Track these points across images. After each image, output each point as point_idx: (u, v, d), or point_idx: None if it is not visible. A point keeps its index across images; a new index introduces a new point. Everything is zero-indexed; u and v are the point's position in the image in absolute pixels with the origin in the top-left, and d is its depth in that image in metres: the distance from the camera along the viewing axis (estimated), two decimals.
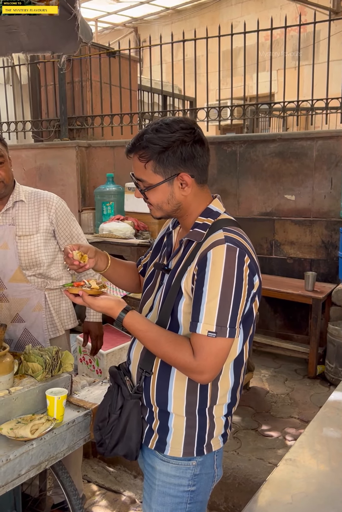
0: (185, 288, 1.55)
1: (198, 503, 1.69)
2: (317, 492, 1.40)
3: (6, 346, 1.99)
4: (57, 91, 6.26)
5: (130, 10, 12.40)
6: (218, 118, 5.46)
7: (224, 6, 12.00)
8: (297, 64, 5.00)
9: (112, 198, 5.24)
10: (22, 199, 2.53)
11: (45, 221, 2.52)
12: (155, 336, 1.55)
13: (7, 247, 2.49)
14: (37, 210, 2.53)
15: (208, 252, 1.49)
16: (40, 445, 1.73)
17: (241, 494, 2.87)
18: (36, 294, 2.55)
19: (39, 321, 2.57)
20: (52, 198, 2.57)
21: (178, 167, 1.53)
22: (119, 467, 3.34)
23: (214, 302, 1.45)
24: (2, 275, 2.51)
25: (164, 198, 1.58)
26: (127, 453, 1.71)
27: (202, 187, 1.62)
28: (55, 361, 2.10)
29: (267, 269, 4.89)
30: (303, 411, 3.70)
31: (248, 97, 7.52)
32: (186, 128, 1.53)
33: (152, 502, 1.71)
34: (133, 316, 1.59)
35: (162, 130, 1.52)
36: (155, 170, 1.54)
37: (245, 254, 1.49)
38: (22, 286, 2.52)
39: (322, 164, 4.60)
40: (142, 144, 1.54)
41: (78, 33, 2.44)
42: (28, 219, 2.52)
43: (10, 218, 2.52)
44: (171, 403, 1.61)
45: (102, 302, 1.60)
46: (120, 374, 1.72)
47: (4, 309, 2.54)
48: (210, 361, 1.47)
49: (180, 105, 7.61)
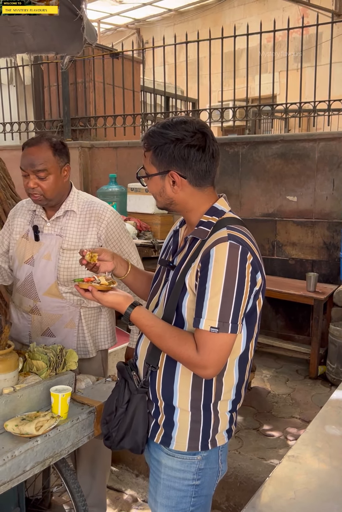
0: (189, 284, 1.58)
1: (202, 497, 1.71)
2: (320, 488, 1.41)
3: (11, 344, 2.00)
4: (60, 91, 6.29)
5: (133, 12, 12.41)
6: (220, 119, 5.49)
7: (226, 8, 12.01)
8: (299, 66, 5.03)
9: (115, 198, 5.25)
10: (74, 209, 2.36)
11: (93, 236, 2.34)
12: (161, 331, 1.58)
13: (50, 258, 2.34)
14: (87, 223, 2.35)
15: (211, 249, 1.51)
16: (44, 442, 1.75)
17: (242, 493, 2.88)
18: (70, 311, 2.39)
19: (69, 338, 2.41)
20: (105, 211, 2.37)
21: (170, 165, 1.58)
22: (121, 466, 3.36)
23: (216, 298, 1.48)
24: (38, 287, 2.37)
25: (157, 190, 1.65)
26: (133, 447, 1.73)
27: (201, 189, 1.64)
28: (60, 359, 2.11)
29: (269, 270, 4.91)
30: (304, 411, 3.72)
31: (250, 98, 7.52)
32: (186, 130, 1.56)
33: (157, 496, 1.73)
34: (140, 311, 1.63)
35: (167, 127, 1.58)
36: (152, 161, 1.61)
37: (248, 251, 1.52)
38: (56, 301, 2.37)
39: (324, 166, 4.62)
40: (147, 134, 1.62)
41: (84, 34, 2.46)
42: (76, 232, 2.35)
43: (59, 228, 2.36)
44: (176, 397, 1.63)
45: (110, 297, 1.65)
46: (128, 369, 1.74)
47: (36, 321, 2.41)
48: (212, 356, 1.50)
49: (182, 106, 7.64)
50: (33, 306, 2.40)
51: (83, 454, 2.58)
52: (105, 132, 6.13)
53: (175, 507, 1.70)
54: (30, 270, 2.39)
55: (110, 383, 2.20)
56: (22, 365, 2.10)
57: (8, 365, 1.92)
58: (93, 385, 2.19)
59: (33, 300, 2.40)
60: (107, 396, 2.01)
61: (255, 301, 1.58)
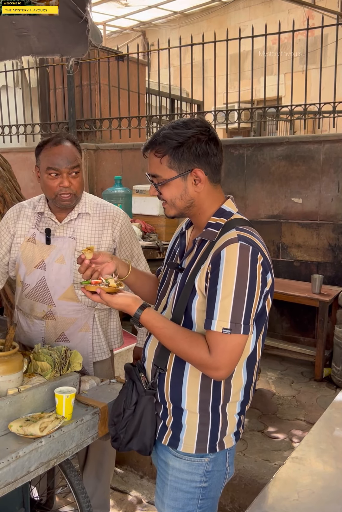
0: (198, 286, 1.57)
1: (209, 499, 1.71)
2: (323, 489, 1.41)
3: (16, 345, 2.01)
4: (66, 94, 6.31)
5: (139, 14, 12.43)
6: (226, 121, 5.48)
7: (231, 10, 12.01)
8: (305, 67, 5.02)
9: (120, 200, 5.25)
10: (88, 211, 2.33)
11: (108, 238, 2.33)
12: (172, 333, 1.57)
13: (64, 261, 2.30)
14: (101, 225, 2.33)
15: (222, 251, 1.51)
16: (49, 443, 1.75)
17: (247, 495, 2.88)
18: (85, 314, 2.36)
19: (84, 342, 2.38)
20: (119, 213, 2.37)
21: (192, 163, 1.57)
22: (126, 467, 3.36)
23: (228, 300, 1.47)
24: (53, 291, 2.32)
25: (178, 193, 1.61)
26: (141, 448, 1.73)
27: (215, 186, 1.65)
28: (64, 360, 2.12)
29: (274, 272, 4.79)
30: (309, 413, 3.71)
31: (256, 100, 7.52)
32: (201, 126, 1.58)
33: (164, 497, 1.73)
34: (150, 313, 1.62)
35: (178, 127, 1.57)
36: (170, 165, 1.58)
37: (258, 252, 1.52)
38: (72, 305, 2.33)
39: (329, 168, 4.61)
40: (158, 140, 1.58)
41: (89, 36, 2.47)
42: (90, 234, 2.32)
43: (71, 230, 2.32)
44: (185, 399, 1.63)
45: (120, 299, 1.63)
46: (135, 370, 1.74)
47: (50, 327, 2.36)
48: (225, 358, 1.49)
49: (187, 108, 7.64)
50: (48, 311, 2.35)
51: (92, 456, 2.58)
52: (111, 135, 6.15)
53: (182, 509, 1.70)
54: (42, 274, 2.33)
55: (115, 385, 2.21)
56: (27, 366, 2.10)
57: (12, 366, 1.93)
58: (97, 386, 2.19)
59: (48, 305, 2.34)
60: (111, 398, 2.03)
61: (264, 302, 1.59)
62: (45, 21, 2.58)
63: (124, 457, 3.35)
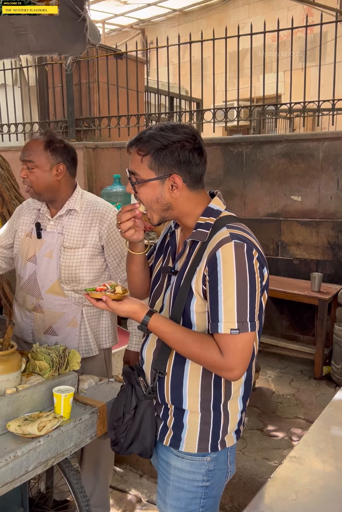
0: (195, 289, 1.56)
1: (211, 498, 1.71)
2: (322, 489, 1.40)
3: (14, 344, 2.00)
4: (64, 92, 6.30)
5: (138, 12, 12.40)
6: (225, 119, 5.47)
7: (231, 7, 11.99)
8: (304, 65, 5.01)
9: (119, 199, 5.25)
10: (76, 208, 2.39)
11: (95, 235, 2.37)
12: (182, 337, 1.55)
13: (52, 256, 2.37)
14: (89, 222, 2.38)
15: (217, 252, 1.51)
16: (47, 442, 1.74)
17: (246, 494, 2.88)
18: (72, 310, 2.41)
19: (72, 337, 2.43)
20: (108, 211, 2.40)
21: (172, 168, 1.55)
22: (126, 466, 3.36)
23: (231, 300, 1.47)
24: (41, 285, 2.40)
25: (154, 196, 1.59)
26: (142, 452, 1.73)
27: (196, 192, 1.63)
28: (62, 360, 2.11)
29: (273, 270, 4.89)
30: (309, 412, 3.70)
31: (255, 98, 7.52)
32: (188, 134, 1.56)
33: (167, 497, 1.73)
34: (158, 318, 1.60)
35: (165, 130, 1.55)
36: (151, 165, 1.56)
37: (253, 248, 1.52)
38: (58, 299, 2.39)
39: (329, 165, 4.60)
40: (144, 138, 1.56)
41: (87, 34, 2.45)
42: (78, 231, 2.37)
43: (61, 226, 2.39)
44: (186, 401, 1.63)
45: (126, 306, 1.61)
46: (134, 374, 1.73)
47: (38, 319, 2.43)
48: (237, 357, 1.49)
49: (186, 106, 7.63)
50: (36, 304, 2.43)
51: (88, 455, 2.58)
52: (110, 133, 6.13)
53: (184, 509, 1.70)
54: (33, 268, 2.42)
55: (114, 384, 2.20)
56: (25, 366, 2.10)
57: (10, 366, 1.92)
58: (96, 385, 2.19)
59: (36, 298, 2.42)
60: (110, 397, 2.03)
61: (261, 296, 1.58)
62: (43, 19, 2.57)
63: (124, 456, 3.34)
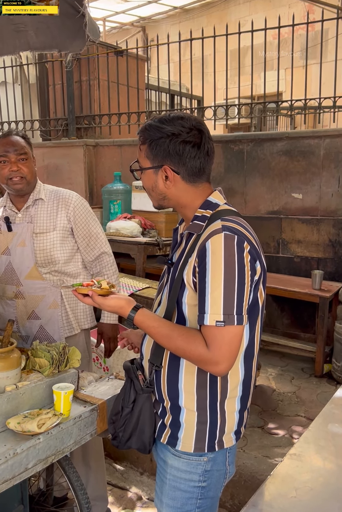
0: (187, 280, 1.56)
1: (208, 499, 1.69)
2: (322, 486, 1.40)
3: (13, 341, 2.00)
4: (65, 90, 6.29)
5: (138, 10, 12.41)
6: (225, 117, 5.46)
7: (232, 5, 11.98)
8: (305, 62, 5.00)
9: (120, 196, 5.26)
10: (42, 197, 2.56)
11: (63, 218, 2.53)
12: (168, 331, 1.54)
13: (25, 244, 2.51)
14: (55, 208, 2.55)
15: (206, 243, 1.49)
16: (47, 440, 1.74)
17: (247, 492, 2.87)
18: (52, 292, 2.55)
19: (55, 318, 2.56)
20: (71, 196, 2.58)
21: (164, 159, 1.58)
22: (126, 464, 3.36)
23: (218, 291, 1.44)
24: (19, 272, 2.53)
25: (150, 184, 1.65)
26: (140, 447, 1.73)
27: (194, 185, 1.63)
28: (62, 357, 2.11)
29: (274, 268, 4.89)
30: (310, 410, 3.70)
31: (256, 96, 7.50)
32: (183, 126, 1.56)
33: (163, 496, 1.72)
34: (144, 313, 1.60)
35: (163, 122, 1.58)
36: (147, 154, 1.61)
37: (244, 240, 1.49)
38: (37, 283, 2.52)
39: (330, 163, 4.59)
40: (143, 128, 1.63)
41: (86, 31, 2.45)
42: (46, 217, 2.53)
43: (29, 216, 2.54)
44: (182, 397, 1.62)
45: (112, 301, 1.61)
46: (133, 368, 1.72)
47: (21, 305, 2.55)
48: (224, 350, 1.46)
49: (187, 104, 7.61)
50: (17, 291, 2.55)
51: None
52: (110, 130, 6.13)
53: (180, 508, 1.69)
54: (8, 259, 2.55)
55: (113, 381, 2.20)
56: (25, 363, 2.09)
57: (10, 363, 1.92)
58: (96, 382, 2.19)
59: (16, 285, 2.55)
60: (110, 394, 2.03)
61: (256, 292, 1.56)
62: (43, 16, 2.56)
63: (124, 454, 3.35)
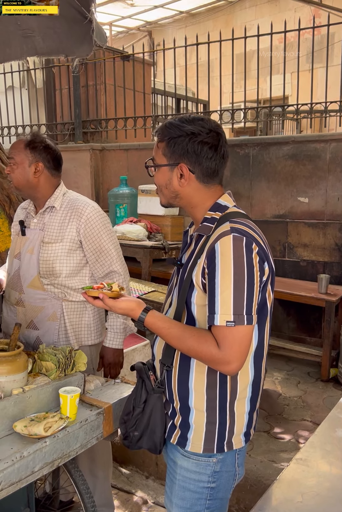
0: (196, 281, 1.58)
1: (218, 500, 1.70)
2: (328, 491, 1.39)
3: (20, 345, 2.01)
4: (71, 94, 6.32)
5: (145, 14, 12.43)
6: (231, 120, 5.47)
7: (238, 9, 11.98)
8: (311, 66, 5.00)
9: (126, 200, 5.27)
10: (55, 205, 2.46)
11: (73, 230, 2.41)
12: (179, 332, 1.57)
13: (33, 252, 2.46)
14: (68, 218, 2.43)
15: (215, 244, 1.52)
16: (53, 443, 1.74)
17: (252, 496, 2.87)
18: (52, 304, 2.45)
19: (51, 331, 2.47)
20: (86, 207, 2.43)
21: (181, 158, 1.62)
22: (132, 468, 3.36)
23: (228, 292, 1.47)
24: (23, 280, 2.48)
25: (163, 181, 1.68)
26: (151, 447, 1.74)
27: (207, 186, 1.67)
28: (69, 360, 2.12)
29: (280, 272, 4.88)
30: (316, 414, 3.69)
31: (262, 100, 7.50)
32: (203, 127, 1.61)
33: (173, 496, 1.74)
34: (154, 314, 1.62)
35: (184, 121, 1.62)
36: (164, 152, 1.64)
37: (252, 242, 1.52)
38: (38, 293, 2.45)
39: (336, 167, 4.59)
40: (162, 126, 1.66)
41: (93, 36, 2.47)
42: (57, 226, 2.44)
43: (43, 223, 2.48)
44: (192, 397, 1.63)
45: (123, 303, 1.64)
46: (145, 369, 1.74)
47: (21, 313, 2.50)
48: (235, 350, 1.48)
49: (193, 108, 7.63)
50: (18, 298, 2.51)
51: (81, 453, 2.57)
52: (116, 135, 6.15)
53: (189, 509, 1.70)
54: (18, 264, 2.52)
55: (120, 385, 2.20)
56: (32, 366, 2.10)
57: (17, 366, 1.93)
58: (102, 386, 2.19)
59: (19, 292, 2.51)
60: (116, 398, 2.03)
61: (264, 293, 1.58)
62: (50, 21, 2.59)
63: (130, 458, 3.35)
